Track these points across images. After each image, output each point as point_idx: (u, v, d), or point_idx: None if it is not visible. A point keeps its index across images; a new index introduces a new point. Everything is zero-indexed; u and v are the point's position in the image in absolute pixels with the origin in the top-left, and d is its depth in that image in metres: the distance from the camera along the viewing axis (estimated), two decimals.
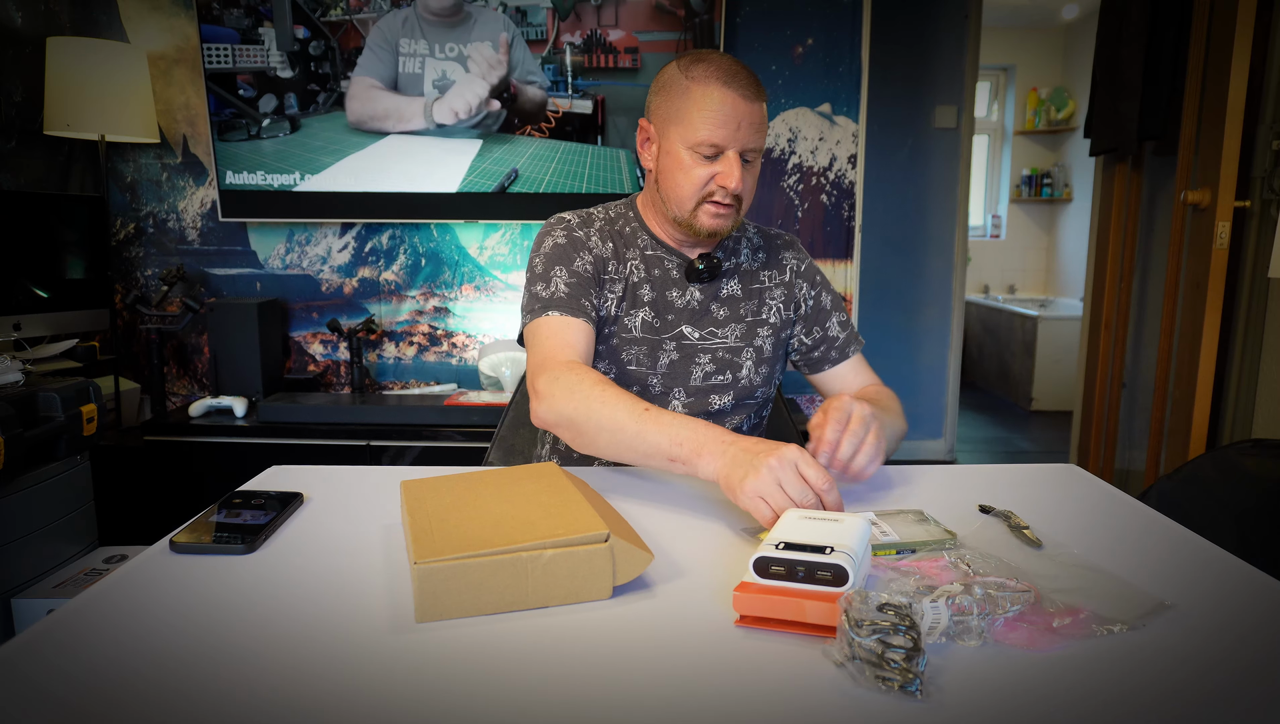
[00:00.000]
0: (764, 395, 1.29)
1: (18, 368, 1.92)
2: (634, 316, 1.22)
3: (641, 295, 1.22)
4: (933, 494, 1.01)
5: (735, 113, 1.10)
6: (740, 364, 1.24)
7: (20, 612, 1.85)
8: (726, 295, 1.25)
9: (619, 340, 1.22)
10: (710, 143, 1.11)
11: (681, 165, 1.14)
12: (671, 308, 1.23)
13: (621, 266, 1.23)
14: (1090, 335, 3.16)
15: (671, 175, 1.16)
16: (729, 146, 1.11)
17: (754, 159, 1.15)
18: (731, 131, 1.10)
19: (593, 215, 1.26)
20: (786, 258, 1.31)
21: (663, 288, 1.23)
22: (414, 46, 2.55)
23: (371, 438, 2.43)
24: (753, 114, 1.11)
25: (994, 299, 5.51)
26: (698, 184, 1.13)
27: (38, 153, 2.50)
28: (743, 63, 1.15)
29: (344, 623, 0.69)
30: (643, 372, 1.22)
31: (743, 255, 1.28)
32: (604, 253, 1.22)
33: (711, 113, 1.10)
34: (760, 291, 1.27)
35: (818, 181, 2.75)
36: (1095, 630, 0.65)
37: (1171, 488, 1.48)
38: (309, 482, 1.05)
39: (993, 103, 5.69)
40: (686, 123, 1.12)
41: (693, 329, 1.23)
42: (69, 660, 0.63)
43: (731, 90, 1.09)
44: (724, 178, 1.12)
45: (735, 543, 0.86)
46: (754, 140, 1.13)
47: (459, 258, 2.76)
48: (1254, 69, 2.25)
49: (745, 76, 1.11)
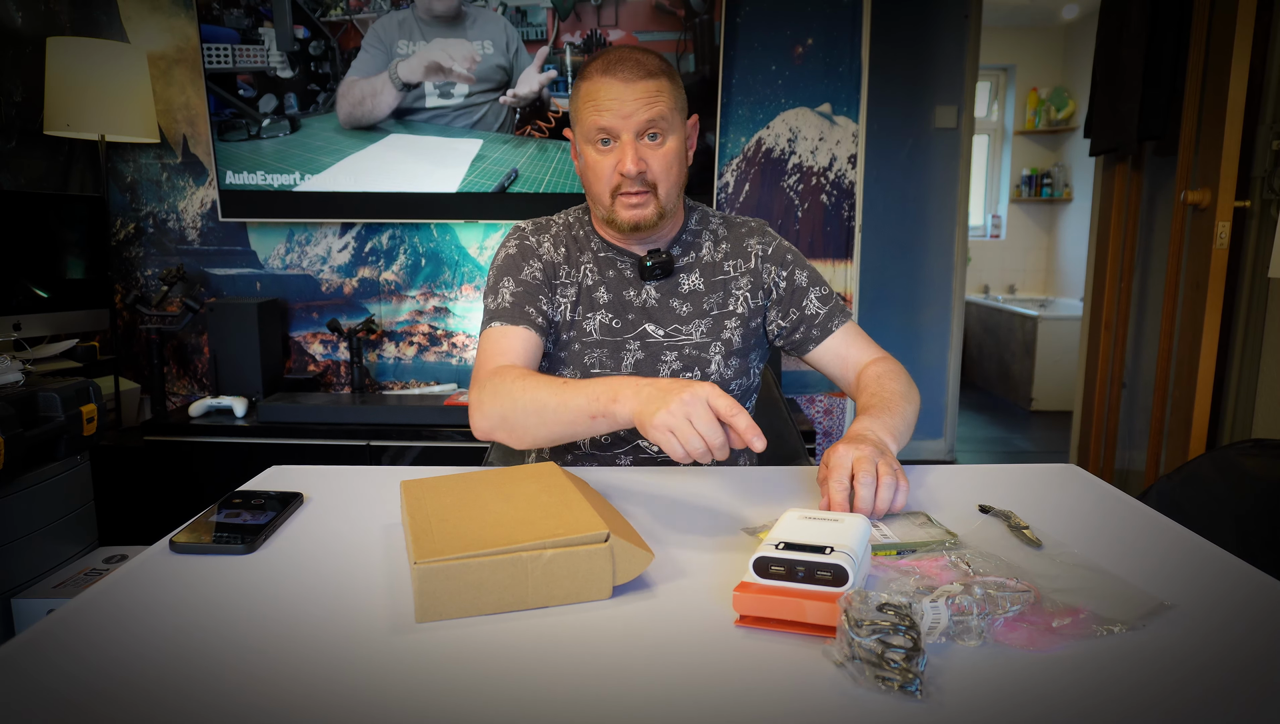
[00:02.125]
0: (742, 387, 1.27)
1: (18, 368, 1.92)
2: (591, 320, 1.23)
3: (597, 298, 1.23)
4: (933, 494, 1.01)
5: (617, 96, 1.11)
6: (708, 359, 1.23)
7: (20, 612, 1.85)
8: (688, 290, 1.25)
9: (580, 345, 1.23)
10: (598, 128, 1.13)
11: (589, 162, 1.17)
12: (630, 307, 1.23)
13: (574, 271, 1.24)
14: (1090, 335, 3.16)
15: (585, 175, 1.19)
16: (619, 131, 1.12)
17: (661, 136, 1.14)
18: (616, 115, 1.11)
19: (550, 222, 1.29)
20: (751, 245, 1.27)
21: (619, 288, 1.24)
22: (411, 49, 2.55)
23: (371, 438, 2.43)
24: (638, 92, 1.11)
25: (994, 299, 5.51)
26: (604, 176, 1.15)
27: (38, 153, 2.50)
28: (638, 46, 1.16)
29: (344, 623, 0.69)
30: (606, 374, 1.22)
31: (704, 248, 1.27)
32: (555, 258, 1.24)
33: (594, 102, 1.12)
34: (725, 283, 1.25)
35: (818, 181, 2.75)
36: (1095, 630, 0.65)
37: (1171, 488, 1.48)
38: (309, 482, 1.05)
39: (993, 103, 5.69)
40: (580, 119, 1.16)
41: (656, 327, 1.23)
42: (69, 660, 0.63)
43: (610, 76, 1.11)
44: (620, 163, 1.13)
45: (735, 543, 0.86)
46: (645, 115, 1.11)
47: (459, 258, 2.76)
48: (1254, 69, 2.25)
49: (630, 60, 1.12)
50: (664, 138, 1.15)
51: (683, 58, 2.57)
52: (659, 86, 1.13)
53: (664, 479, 1.08)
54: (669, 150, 1.16)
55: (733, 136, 2.72)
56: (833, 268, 2.80)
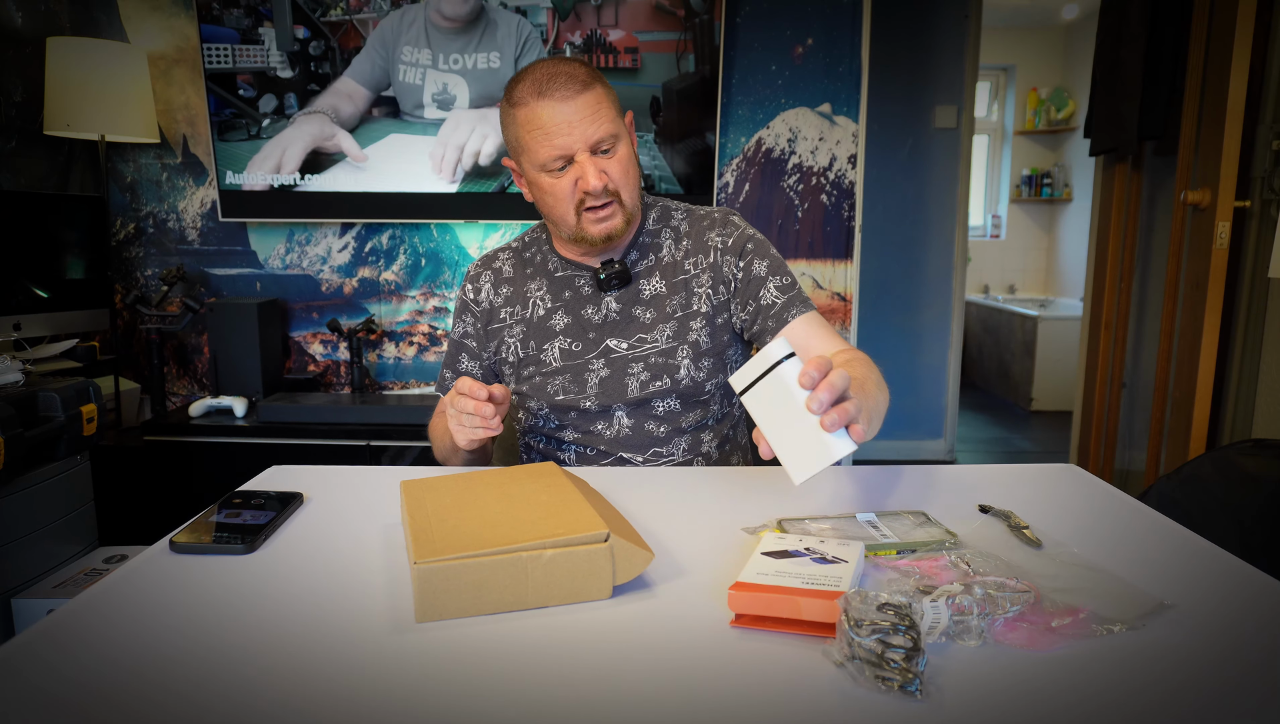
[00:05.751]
0: (718, 386, 1.24)
1: (18, 368, 1.92)
2: (549, 350, 1.22)
3: (553, 326, 1.23)
4: (933, 494, 1.01)
5: (561, 117, 1.09)
6: (676, 365, 1.20)
7: (20, 612, 1.85)
8: (650, 296, 1.22)
9: (540, 376, 1.22)
10: (553, 157, 1.10)
11: (545, 188, 1.14)
12: (590, 326, 1.22)
13: (519, 307, 1.25)
14: (1090, 335, 3.16)
15: (543, 200, 1.17)
16: (572, 150, 1.10)
17: (611, 145, 1.13)
18: (566, 137, 1.09)
19: (497, 255, 1.30)
20: (711, 238, 1.23)
21: (577, 308, 1.23)
22: (417, 55, 2.55)
23: (371, 438, 2.43)
24: (580, 108, 1.09)
25: (994, 299, 5.51)
26: (566, 198, 1.13)
27: (38, 153, 2.50)
28: (561, 59, 1.14)
29: (344, 623, 0.69)
30: (572, 398, 1.21)
31: (664, 249, 1.24)
32: (495, 300, 1.26)
33: (539, 129, 1.10)
34: (686, 282, 1.22)
35: (818, 181, 2.75)
36: (1095, 630, 0.65)
37: (1171, 488, 1.48)
38: (309, 482, 1.05)
39: (993, 103, 5.69)
40: (526, 149, 1.13)
41: (619, 341, 1.21)
42: (69, 660, 0.63)
43: (547, 98, 1.09)
44: (583, 182, 1.11)
45: (735, 543, 0.86)
46: (595, 132, 1.10)
47: (459, 258, 2.76)
48: (1254, 69, 2.25)
49: (561, 76, 1.09)
50: (615, 146, 1.13)
51: (683, 58, 2.57)
52: (597, 97, 1.11)
53: (663, 480, 1.08)
54: (623, 156, 1.14)
55: (733, 136, 2.72)
56: (833, 268, 2.80)
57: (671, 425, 1.22)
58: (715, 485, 1.05)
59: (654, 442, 1.22)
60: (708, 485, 1.05)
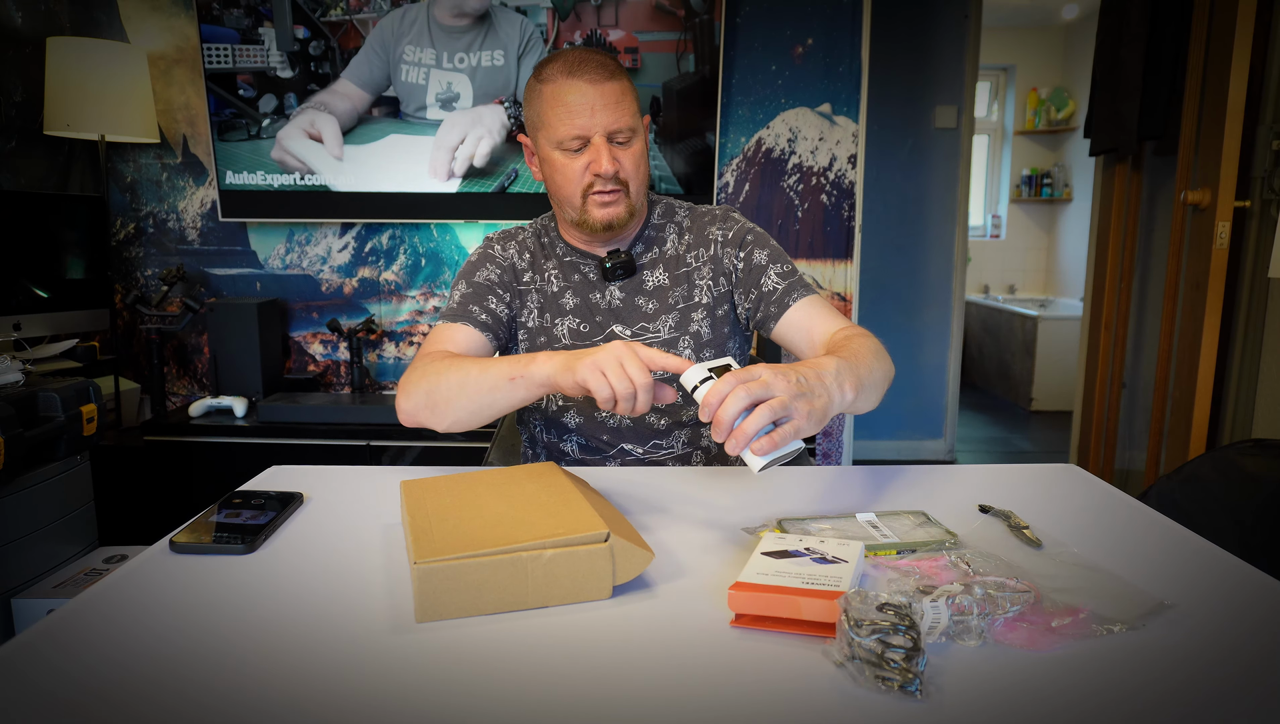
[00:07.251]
0: None
1: (18, 368, 1.92)
2: (560, 325, 1.24)
3: (564, 304, 1.25)
4: (933, 494, 1.01)
5: (586, 99, 1.12)
6: (678, 355, 1.21)
7: (20, 612, 1.85)
8: (653, 286, 1.25)
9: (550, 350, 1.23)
10: (572, 135, 1.13)
11: (557, 166, 1.17)
12: (597, 310, 1.24)
13: (538, 277, 1.26)
14: (1090, 335, 3.16)
15: (552, 179, 1.19)
16: (591, 133, 1.13)
17: (627, 138, 1.16)
18: (588, 118, 1.12)
19: (518, 230, 1.31)
20: (712, 232, 1.26)
21: (585, 292, 1.25)
22: (419, 55, 2.55)
23: (371, 438, 2.43)
24: (606, 95, 1.12)
25: (994, 299, 5.51)
26: (576, 178, 1.16)
27: (38, 153, 2.50)
28: (595, 49, 1.16)
29: (344, 623, 0.69)
30: None
31: (668, 242, 1.27)
32: (520, 263, 1.26)
33: (564, 106, 1.13)
34: (688, 275, 1.25)
35: (818, 181, 2.75)
36: (1095, 630, 0.65)
37: (1171, 488, 1.48)
38: (309, 482, 1.05)
39: (993, 103, 5.69)
40: (547, 124, 1.15)
41: (624, 327, 1.24)
42: (69, 660, 0.63)
43: (577, 79, 1.12)
44: (595, 164, 1.14)
45: (735, 543, 0.86)
46: (615, 119, 1.13)
47: (459, 258, 2.76)
48: (1254, 69, 2.25)
49: (592, 62, 1.13)
50: (631, 140, 1.16)
51: (683, 58, 2.57)
52: (622, 88, 1.14)
53: (664, 479, 1.08)
54: (636, 151, 1.17)
55: (733, 136, 2.72)
56: (833, 268, 2.80)
57: (672, 418, 1.23)
58: (715, 485, 1.05)
59: (654, 434, 1.23)
60: (708, 485, 1.05)
